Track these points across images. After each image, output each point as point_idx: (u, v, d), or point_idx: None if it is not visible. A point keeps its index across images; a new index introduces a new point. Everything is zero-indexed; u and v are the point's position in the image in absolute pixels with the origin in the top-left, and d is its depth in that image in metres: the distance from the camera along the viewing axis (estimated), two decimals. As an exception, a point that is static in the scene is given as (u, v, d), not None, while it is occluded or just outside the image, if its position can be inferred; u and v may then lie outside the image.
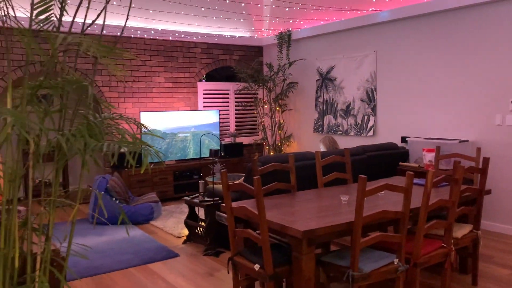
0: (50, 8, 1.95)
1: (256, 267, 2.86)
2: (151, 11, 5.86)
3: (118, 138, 1.80)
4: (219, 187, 4.70)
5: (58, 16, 1.92)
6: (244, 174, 5.25)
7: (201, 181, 4.76)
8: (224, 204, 3.09)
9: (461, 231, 3.44)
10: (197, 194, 4.82)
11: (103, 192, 5.55)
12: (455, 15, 5.27)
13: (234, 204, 3.13)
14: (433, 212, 3.35)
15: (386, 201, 3.34)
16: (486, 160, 3.49)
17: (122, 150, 1.72)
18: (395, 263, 2.88)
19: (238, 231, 3.02)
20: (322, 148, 5.26)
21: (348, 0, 5.89)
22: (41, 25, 1.91)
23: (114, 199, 5.65)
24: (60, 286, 1.70)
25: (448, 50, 5.39)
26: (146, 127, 2.18)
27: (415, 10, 5.59)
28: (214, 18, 6.72)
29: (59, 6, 1.93)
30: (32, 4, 1.88)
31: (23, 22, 2.00)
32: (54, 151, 1.83)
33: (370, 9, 5.96)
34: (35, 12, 1.89)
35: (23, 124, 1.50)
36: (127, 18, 2.07)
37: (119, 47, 2.05)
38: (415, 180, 3.98)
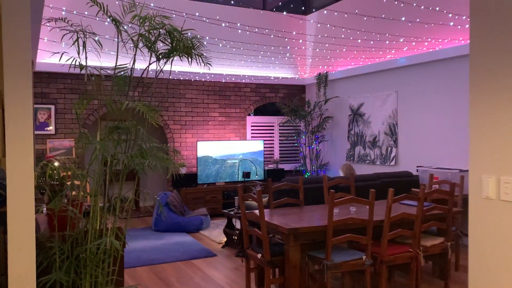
0: (126, 68, 3.23)
1: (259, 255, 3.94)
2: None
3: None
4: (253, 203, 5.82)
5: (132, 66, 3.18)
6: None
7: (236, 197, 5.92)
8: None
9: (432, 241, 4.27)
10: (234, 208, 5.99)
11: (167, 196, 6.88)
12: (462, 62, 6.09)
13: (247, 211, 4.26)
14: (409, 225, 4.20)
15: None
16: (452, 185, 4.33)
17: (182, 173, 2.93)
18: (363, 258, 3.82)
19: (249, 230, 4.13)
20: (341, 173, 6.23)
21: (369, 49, 6.90)
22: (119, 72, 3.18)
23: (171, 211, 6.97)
24: (122, 242, 2.91)
25: (456, 92, 6.19)
26: (180, 154, 3.40)
27: (427, 57, 6.47)
28: (270, 66, 8.01)
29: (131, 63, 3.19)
30: (115, 68, 3.17)
31: (108, 71, 3.28)
32: (121, 173, 3.06)
33: (388, 57, 6.92)
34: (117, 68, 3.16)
35: (105, 150, 2.76)
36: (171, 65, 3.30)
37: (158, 107, 3.24)
38: (407, 202, 4.85)
